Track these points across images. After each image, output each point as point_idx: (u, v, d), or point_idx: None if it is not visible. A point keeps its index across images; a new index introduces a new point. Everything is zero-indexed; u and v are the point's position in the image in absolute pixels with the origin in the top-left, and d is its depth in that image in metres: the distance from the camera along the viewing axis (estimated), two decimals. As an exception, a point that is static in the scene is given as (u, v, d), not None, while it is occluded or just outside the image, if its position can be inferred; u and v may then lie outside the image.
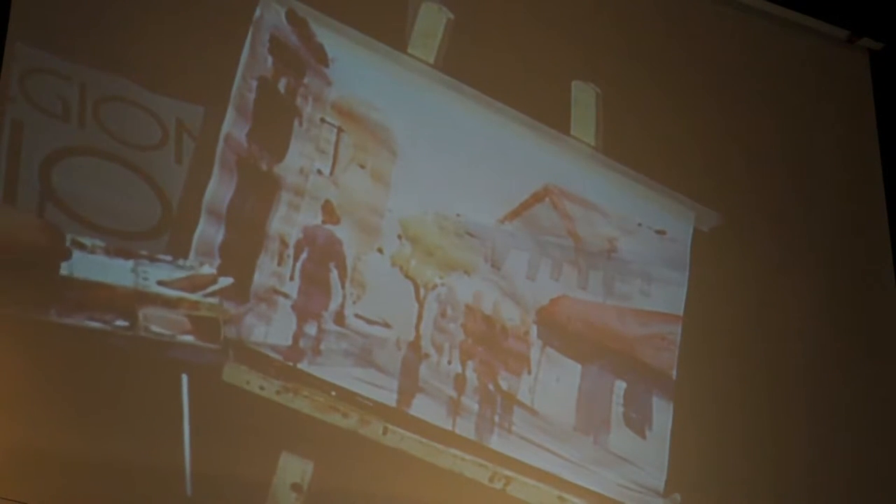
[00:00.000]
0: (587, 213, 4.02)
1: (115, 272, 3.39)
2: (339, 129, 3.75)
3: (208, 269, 3.48)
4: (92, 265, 3.38)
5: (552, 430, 3.78)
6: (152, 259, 3.43)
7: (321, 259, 3.64)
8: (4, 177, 3.36)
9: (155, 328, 3.39)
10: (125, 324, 3.38)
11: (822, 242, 4.40)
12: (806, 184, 4.45)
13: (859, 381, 4.27)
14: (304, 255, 3.63)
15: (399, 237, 3.75)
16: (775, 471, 4.04)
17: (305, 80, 3.73)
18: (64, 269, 3.35)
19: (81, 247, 3.39)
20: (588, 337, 3.92)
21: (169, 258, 3.44)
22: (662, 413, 3.95)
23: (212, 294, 3.47)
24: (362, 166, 3.76)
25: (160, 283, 3.42)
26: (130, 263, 3.41)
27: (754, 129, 4.42)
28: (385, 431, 3.59)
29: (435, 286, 3.76)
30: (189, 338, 3.42)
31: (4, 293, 3.28)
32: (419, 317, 3.71)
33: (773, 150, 4.43)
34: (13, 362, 3.24)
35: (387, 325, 3.67)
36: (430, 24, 3.96)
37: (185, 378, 3.40)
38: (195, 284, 3.46)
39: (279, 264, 3.58)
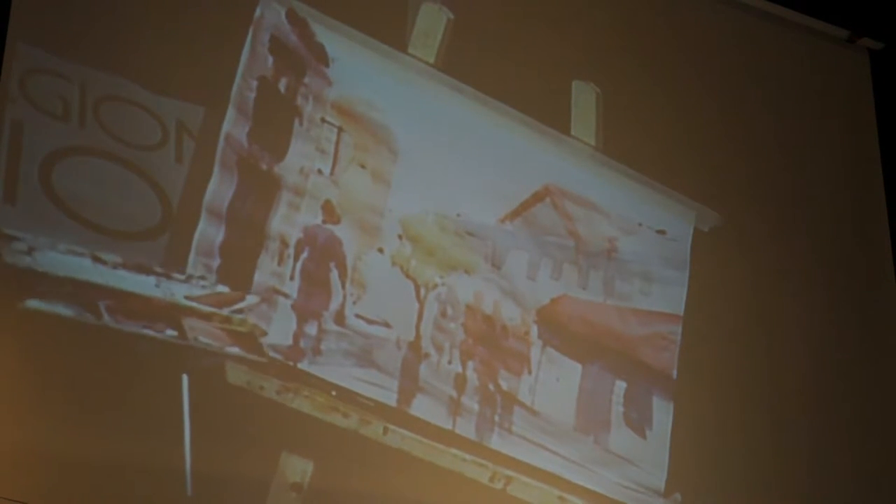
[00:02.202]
0: (587, 212, 4.02)
1: (141, 286, 3.40)
2: (340, 129, 3.75)
3: (223, 289, 3.48)
4: (116, 278, 3.39)
5: (552, 430, 3.78)
6: (168, 276, 3.43)
7: (321, 259, 3.64)
8: (4, 177, 3.36)
9: (203, 339, 3.41)
10: (174, 333, 3.39)
11: (822, 242, 4.41)
12: (806, 184, 4.45)
13: (859, 381, 4.27)
14: (304, 255, 3.63)
15: (399, 237, 3.75)
16: (775, 471, 4.04)
17: (306, 80, 3.73)
18: (97, 277, 3.36)
19: (103, 262, 3.39)
20: (588, 337, 3.92)
21: (183, 276, 3.44)
22: (662, 413, 3.95)
23: (239, 311, 3.48)
24: (363, 166, 3.76)
25: (188, 298, 3.43)
26: (153, 279, 3.42)
27: (754, 129, 4.42)
28: (385, 431, 3.58)
29: (435, 286, 3.76)
30: (236, 349, 3.44)
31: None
32: (419, 316, 3.71)
33: (773, 150, 4.44)
34: (13, 362, 3.24)
35: (387, 325, 3.67)
36: (430, 24, 3.96)
37: (185, 378, 3.40)
38: (222, 301, 3.47)
39: (279, 264, 3.58)
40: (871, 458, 4.20)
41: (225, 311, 3.46)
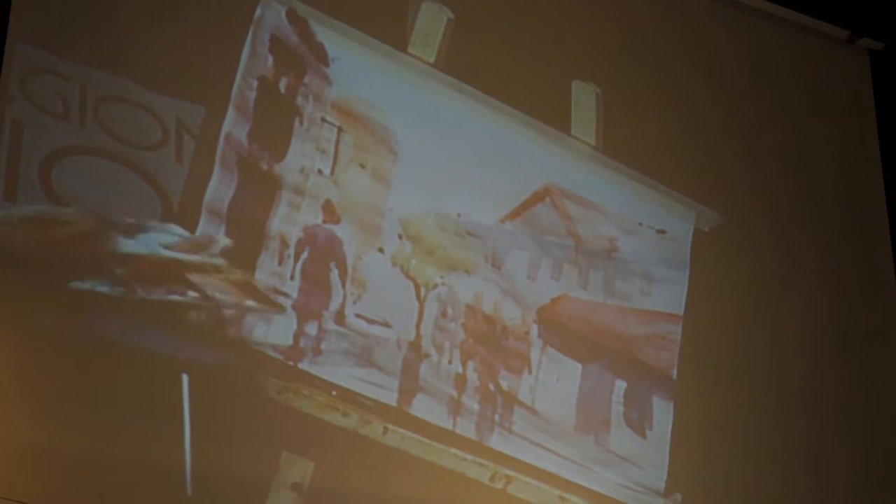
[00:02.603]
0: (587, 212, 4.02)
1: (130, 244, 3.42)
2: (340, 129, 3.75)
3: (181, 231, 3.47)
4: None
5: (553, 430, 3.78)
6: (130, 233, 3.43)
7: (322, 258, 3.64)
8: (4, 176, 3.36)
9: (219, 296, 3.41)
10: (196, 295, 3.40)
11: (823, 242, 4.41)
12: (806, 183, 4.45)
13: (861, 380, 4.27)
14: (304, 255, 3.62)
15: (399, 237, 3.75)
16: (775, 470, 4.04)
17: (306, 80, 3.73)
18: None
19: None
20: (588, 336, 3.92)
21: (133, 220, 3.43)
22: (663, 413, 3.95)
23: (219, 255, 3.47)
24: (363, 166, 3.76)
25: (163, 246, 3.42)
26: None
27: (754, 129, 4.42)
28: (385, 431, 3.58)
29: (435, 286, 3.76)
30: (252, 303, 3.45)
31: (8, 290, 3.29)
32: (420, 316, 3.71)
33: (773, 150, 4.44)
34: (13, 362, 3.23)
35: (387, 325, 3.67)
36: (431, 24, 3.96)
37: (185, 378, 3.39)
38: (196, 246, 3.46)
39: (279, 264, 3.58)
40: (871, 459, 4.20)
41: (205, 258, 3.45)
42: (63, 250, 3.35)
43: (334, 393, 3.55)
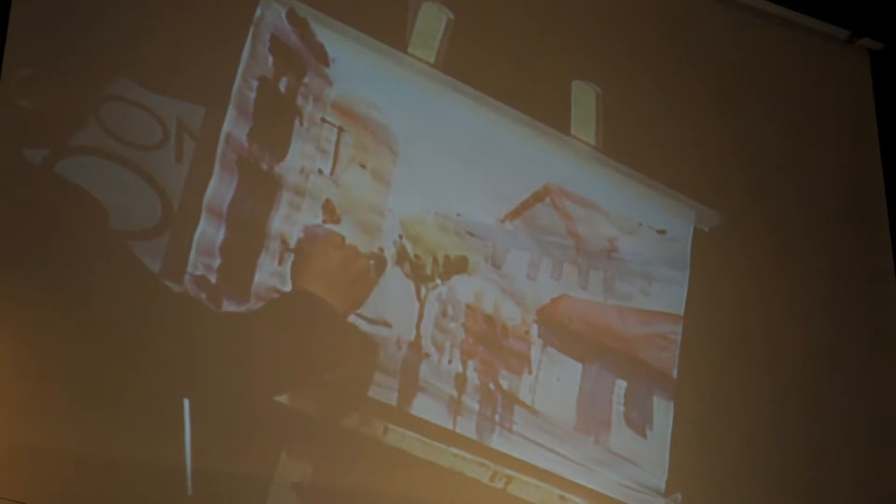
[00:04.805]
0: (587, 212, 4.02)
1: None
2: (340, 129, 3.75)
3: None
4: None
5: (553, 430, 3.78)
6: None
7: (322, 259, 3.64)
8: (5, 176, 3.37)
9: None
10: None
11: (823, 242, 4.41)
12: (806, 183, 4.45)
13: (860, 380, 4.27)
14: (304, 255, 3.63)
15: (399, 236, 3.75)
16: (776, 470, 4.04)
17: (306, 80, 3.73)
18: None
19: None
20: (588, 336, 3.92)
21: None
22: (663, 412, 3.95)
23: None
24: (363, 166, 3.76)
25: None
26: None
27: (754, 129, 4.42)
28: (385, 431, 3.58)
29: (435, 286, 3.76)
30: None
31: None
32: (420, 316, 3.71)
33: (773, 150, 4.44)
34: (12, 360, 3.23)
35: (387, 325, 3.66)
36: (431, 24, 3.96)
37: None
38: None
39: (280, 264, 3.58)
40: (871, 459, 4.20)
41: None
42: (63, 249, 3.35)
43: (334, 392, 3.56)
